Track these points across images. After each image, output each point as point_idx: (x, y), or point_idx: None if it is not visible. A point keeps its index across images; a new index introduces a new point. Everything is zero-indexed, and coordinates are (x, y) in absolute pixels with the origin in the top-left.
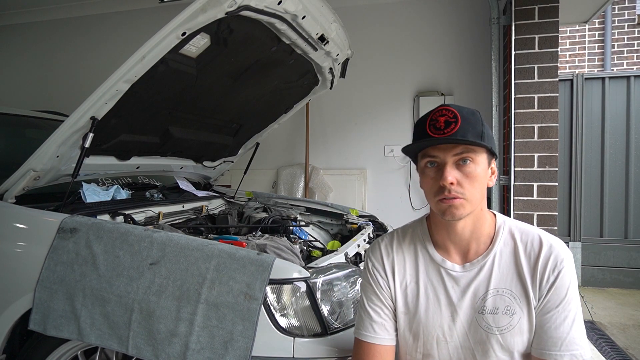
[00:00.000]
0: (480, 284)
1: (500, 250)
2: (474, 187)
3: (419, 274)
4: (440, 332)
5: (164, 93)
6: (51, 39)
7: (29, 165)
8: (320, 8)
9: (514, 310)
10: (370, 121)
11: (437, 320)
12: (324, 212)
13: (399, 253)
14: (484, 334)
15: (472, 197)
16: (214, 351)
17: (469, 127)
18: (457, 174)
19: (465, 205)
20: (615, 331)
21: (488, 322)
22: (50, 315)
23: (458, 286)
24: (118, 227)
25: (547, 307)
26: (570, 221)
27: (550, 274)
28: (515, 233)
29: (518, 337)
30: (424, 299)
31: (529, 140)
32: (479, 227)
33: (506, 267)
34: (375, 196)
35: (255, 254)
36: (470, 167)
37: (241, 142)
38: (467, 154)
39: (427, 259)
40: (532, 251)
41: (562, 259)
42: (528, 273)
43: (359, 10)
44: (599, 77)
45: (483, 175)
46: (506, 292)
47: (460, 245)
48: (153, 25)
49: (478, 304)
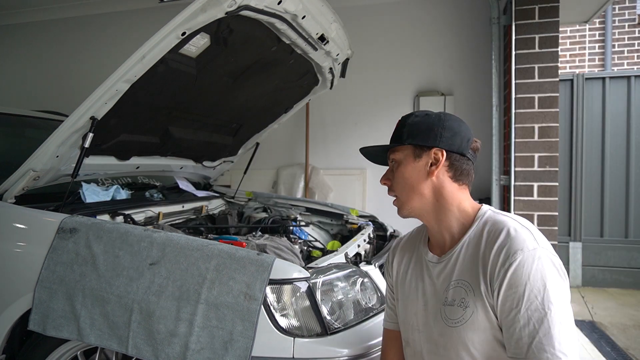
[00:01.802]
0: (447, 275)
1: (468, 242)
2: (402, 186)
3: (410, 265)
4: (414, 320)
5: (163, 93)
6: (50, 39)
7: (28, 165)
8: (320, 8)
9: (467, 303)
10: (370, 121)
11: (412, 308)
12: (324, 212)
13: (404, 247)
14: (445, 326)
15: (404, 196)
16: (213, 351)
17: (402, 131)
18: (391, 175)
19: (400, 204)
20: (616, 331)
21: (447, 314)
22: (50, 316)
23: (431, 277)
24: (118, 227)
25: (506, 306)
26: (571, 221)
27: (500, 268)
28: (488, 223)
29: (472, 332)
30: (408, 288)
31: (529, 140)
32: (445, 220)
33: (469, 258)
34: (375, 196)
35: (255, 254)
36: (395, 167)
37: (241, 142)
38: (391, 155)
39: (418, 252)
40: (490, 242)
41: (514, 251)
42: (483, 264)
43: (359, 10)
44: (599, 77)
45: (411, 173)
46: (463, 284)
47: (436, 238)
48: (153, 25)
49: (442, 294)
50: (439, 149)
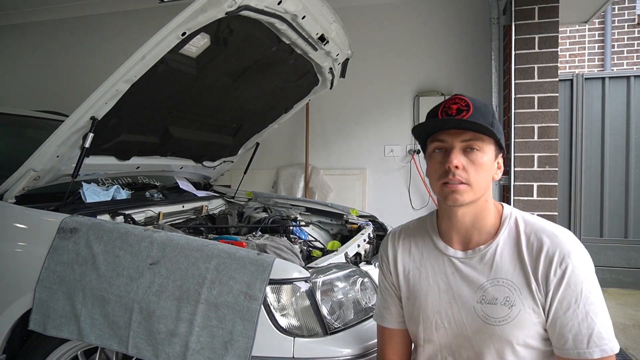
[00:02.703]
0: (481, 272)
1: (504, 241)
2: (478, 174)
3: (422, 260)
4: (438, 317)
5: (164, 93)
6: (50, 39)
7: (29, 165)
8: (320, 8)
9: (513, 302)
10: (370, 121)
11: (435, 305)
12: (324, 212)
13: (406, 241)
14: (482, 324)
15: (476, 184)
16: (214, 351)
17: (480, 116)
18: (464, 160)
19: (468, 191)
20: (616, 331)
21: (486, 312)
22: (50, 315)
23: (458, 273)
24: (118, 227)
25: (564, 305)
26: (570, 221)
27: (556, 269)
28: (520, 224)
29: (517, 330)
30: (425, 284)
31: (529, 140)
32: (482, 218)
33: (508, 258)
34: (375, 196)
35: (255, 254)
36: (477, 154)
37: (241, 142)
38: (474, 141)
39: (430, 246)
40: (534, 243)
41: (567, 252)
42: (530, 266)
43: (359, 10)
44: (599, 77)
45: (489, 165)
46: (506, 283)
47: (461, 233)
48: (153, 25)
49: (477, 292)
50: (502, 155)
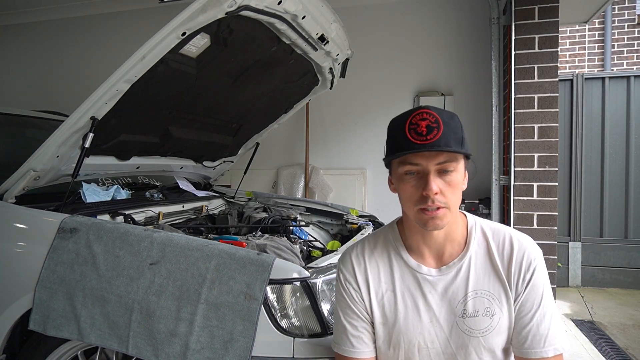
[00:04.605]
0: (459, 287)
1: (475, 252)
2: (455, 195)
3: (395, 282)
4: (421, 339)
5: (164, 93)
6: (50, 39)
7: (29, 165)
8: (320, 8)
9: (493, 311)
10: (370, 121)
11: (417, 327)
12: (324, 212)
13: (372, 261)
14: (466, 337)
15: (454, 205)
16: (214, 351)
17: (451, 133)
18: (440, 183)
19: (447, 214)
20: (615, 331)
21: (469, 325)
22: (50, 315)
23: (435, 291)
24: (118, 227)
25: (527, 307)
26: (570, 221)
27: (525, 272)
28: (487, 232)
29: (498, 337)
30: (402, 307)
31: (529, 140)
32: (453, 230)
33: (482, 268)
34: (375, 196)
35: (255, 254)
36: (452, 175)
37: (241, 142)
38: (450, 163)
39: (401, 265)
40: (505, 250)
41: (534, 257)
42: (504, 273)
43: (359, 10)
44: (599, 77)
45: (462, 181)
46: (485, 294)
47: (434, 248)
48: (153, 25)
49: (458, 307)
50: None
